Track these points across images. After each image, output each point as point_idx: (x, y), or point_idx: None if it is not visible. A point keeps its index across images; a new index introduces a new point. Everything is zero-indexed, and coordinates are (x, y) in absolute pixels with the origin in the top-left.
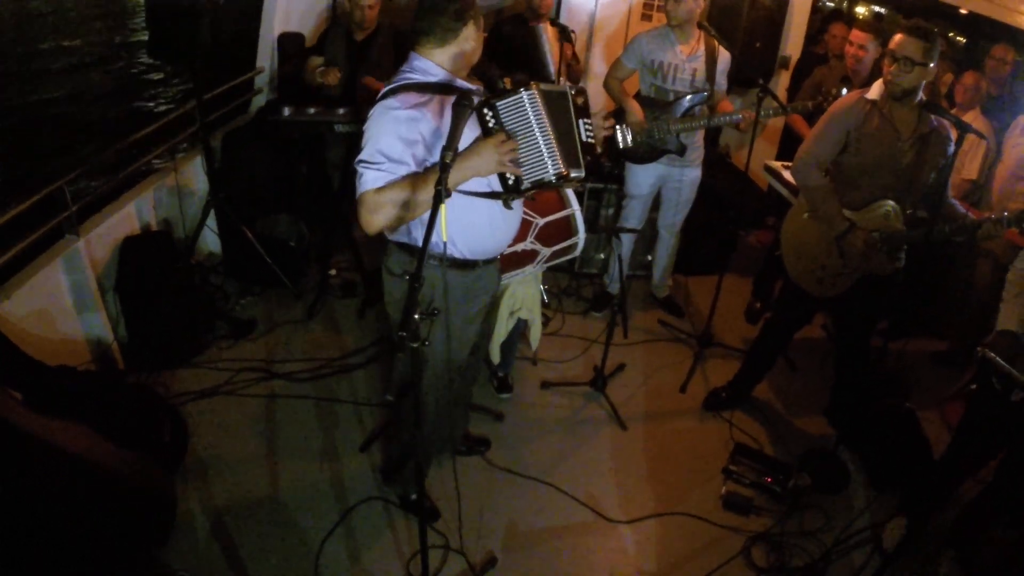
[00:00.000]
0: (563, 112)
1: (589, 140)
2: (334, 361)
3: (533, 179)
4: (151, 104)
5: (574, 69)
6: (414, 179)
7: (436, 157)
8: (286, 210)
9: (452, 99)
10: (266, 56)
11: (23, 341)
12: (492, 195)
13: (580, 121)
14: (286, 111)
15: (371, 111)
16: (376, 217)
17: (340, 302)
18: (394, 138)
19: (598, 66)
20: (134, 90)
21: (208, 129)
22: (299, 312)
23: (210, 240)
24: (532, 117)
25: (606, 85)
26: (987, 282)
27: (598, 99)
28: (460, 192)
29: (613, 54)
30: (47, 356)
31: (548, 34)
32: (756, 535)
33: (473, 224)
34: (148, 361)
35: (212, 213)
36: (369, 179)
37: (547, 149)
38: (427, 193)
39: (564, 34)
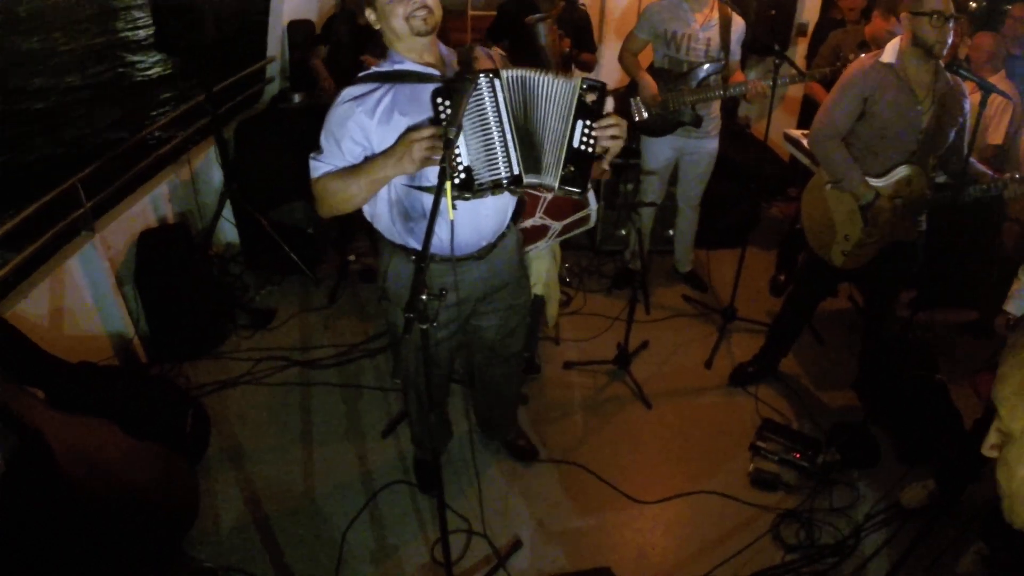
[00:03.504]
0: (545, 106)
1: (584, 148)
2: (356, 347)
3: (487, 179)
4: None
5: (579, 60)
6: (345, 173)
7: (373, 149)
8: (302, 197)
9: (396, 88)
10: (276, 45)
11: (43, 339)
12: (432, 190)
13: (578, 122)
14: (296, 98)
15: None
16: (319, 205)
17: (360, 288)
18: (329, 130)
19: (610, 39)
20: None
21: (220, 120)
22: (319, 299)
23: (227, 231)
24: (488, 106)
25: (620, 58)
26: (1015, 248)
27: (612, 73)
28: (405, 184)
29: (626, 25)
30: (69, 353)
31: (546, 31)
32: (785, 512)
33: (419, 219)
34: (170, 354)
35: (228, 204)
36: (310, 168)
37: (500, 147)
38: (353, 188)
39: (567, 25)
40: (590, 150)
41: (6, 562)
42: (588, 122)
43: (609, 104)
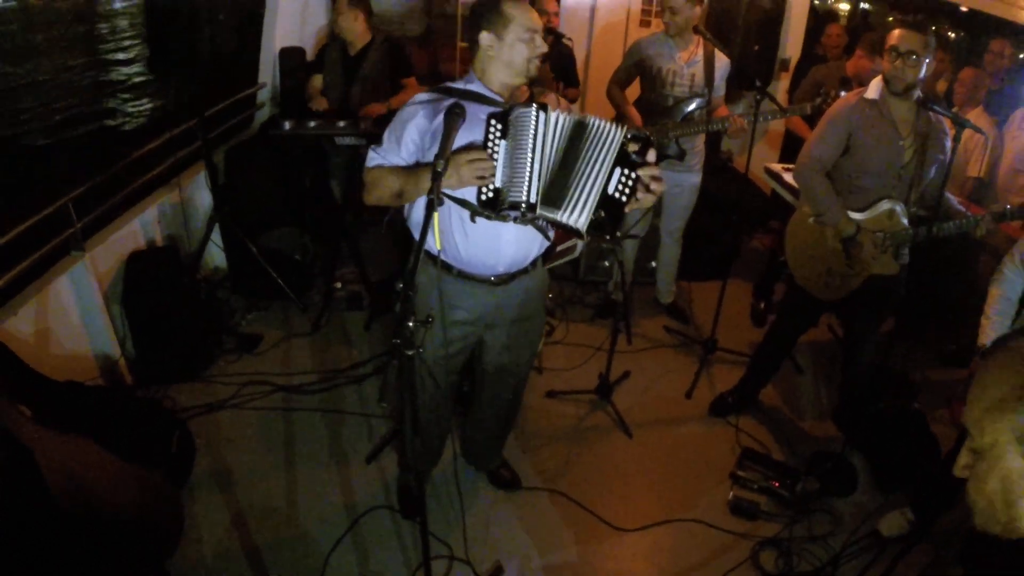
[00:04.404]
0: (585, 150)
1: (618, 196)
2: (341, 372)
3: (508, 201)
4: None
5: (565, 96)
6: (393, 169)
7: (426, 157)
8: (291, 224)
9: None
10: (267, 71)
11: (31, 357)
12: (461, 202)
13: (616, 170)
14: (287, 125)
15: None
16: (365, 191)
17: (346, 315)
18: (392, 126)
19: (597, 73)
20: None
21: (210, 145)
22: (305, 325)
23: (216, 255)
24: (530, 136)
25: (607, 93)
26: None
27: (599, 107)
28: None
29: (612, 60)
30: (55, 372)
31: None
32: (764, 540)
33: (442, 227)
34: (155, 376)
35: (217, 228)
36: (367, 157)
37: (528, 173)
38: (397, 184)
39: (553, 60)
40: (624, 199)
41: None
42: (627, 171)
43: (651, 156)
